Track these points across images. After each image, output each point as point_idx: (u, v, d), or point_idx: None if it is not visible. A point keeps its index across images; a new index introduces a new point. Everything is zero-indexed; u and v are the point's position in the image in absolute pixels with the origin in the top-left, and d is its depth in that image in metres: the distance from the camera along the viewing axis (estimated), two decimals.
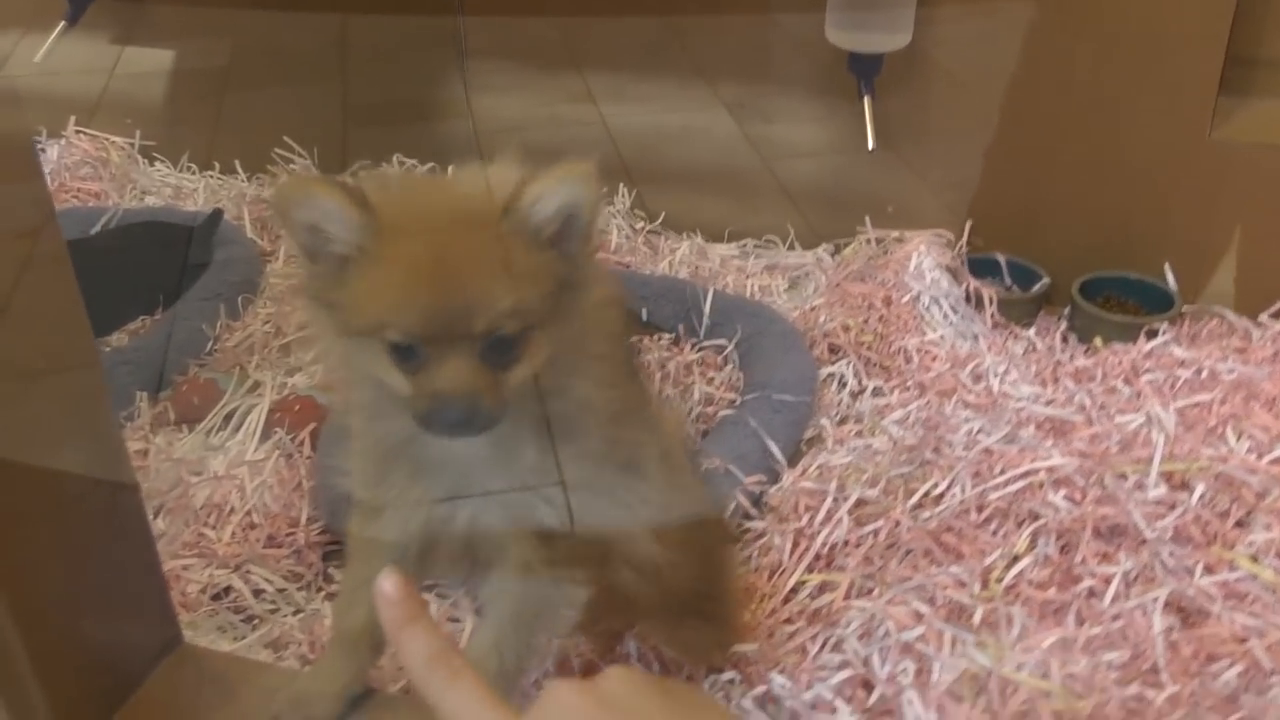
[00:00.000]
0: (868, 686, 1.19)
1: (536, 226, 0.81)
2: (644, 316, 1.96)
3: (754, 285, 2.14)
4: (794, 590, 1.40)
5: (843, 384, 1.86)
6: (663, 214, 2.35)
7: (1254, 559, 1.40)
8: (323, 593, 1.49)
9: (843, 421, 1.77)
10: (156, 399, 1.80)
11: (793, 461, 1.65)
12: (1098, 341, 1.90)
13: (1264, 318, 1.93)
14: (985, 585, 1.34)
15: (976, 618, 1.28)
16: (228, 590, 1.46)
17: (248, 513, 1.56)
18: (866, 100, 1.91)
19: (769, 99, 2.41)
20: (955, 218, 2.09)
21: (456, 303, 0.79)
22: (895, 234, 2.12)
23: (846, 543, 1.46)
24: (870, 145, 1.91)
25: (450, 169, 0.90)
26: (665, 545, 0.97)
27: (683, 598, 1.08)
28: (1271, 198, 1.93)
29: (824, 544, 1.45)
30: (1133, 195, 1.99)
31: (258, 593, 1.46)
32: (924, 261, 2.03)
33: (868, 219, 2.14)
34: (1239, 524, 1.46)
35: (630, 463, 0.94)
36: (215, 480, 1.60)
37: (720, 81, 2.45)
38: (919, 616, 1.26)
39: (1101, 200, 2.01)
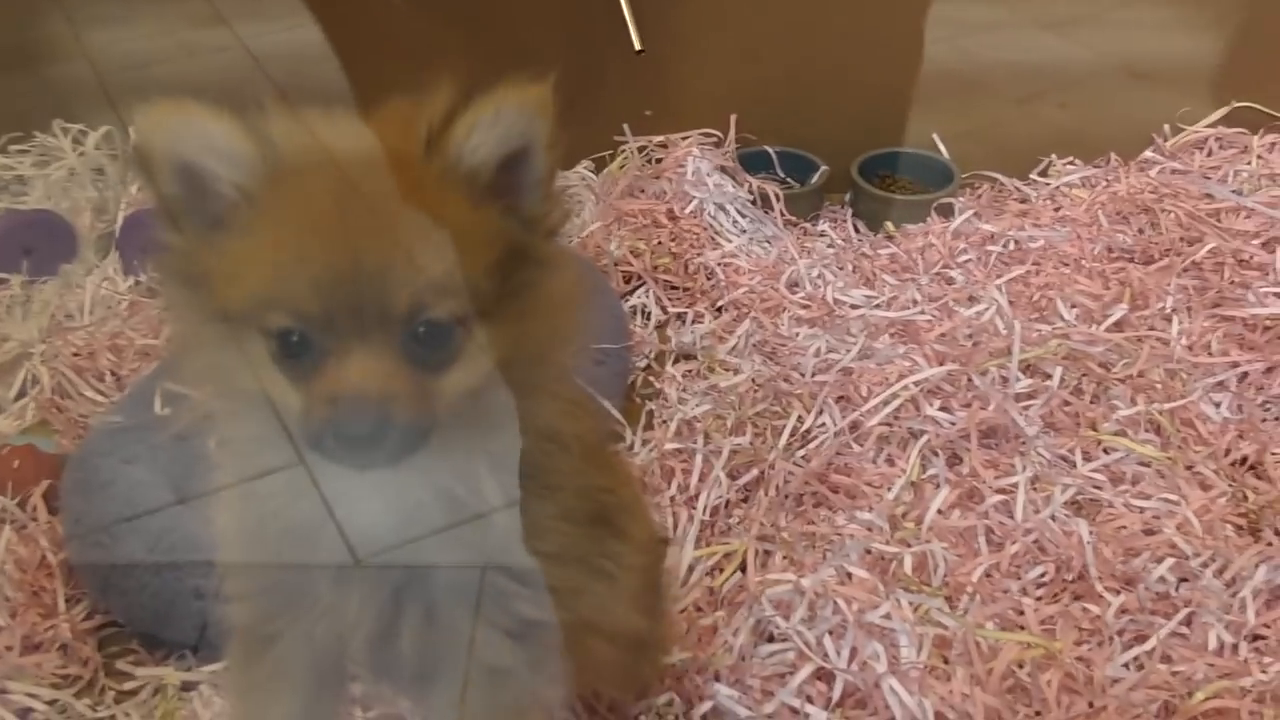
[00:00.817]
0: (826, 679, 1.05)
1: (473, 169, 0.60)
2: None
3: None
4: (689, 569, 1.24)
5: (647, 315, 1.69)
6: None
7: (1123, 435, 1.38)
8: (113, 693, 1.19)
9: (659, 358, 1.60)
10: None
11: (627, 416, 1.48)
12: (889, 226, 1.82)
13: (1034, 176, 1.92)
14: (895, 526, 1.24)
15: (908, 565, 1.17)
16: None
17: None
18: None
19: None
20: (719, 114, 1.93)
21: (366, 270, 0.57)
22: (659, 139, 1.94)
23: (728, 504, 1.32)
24: (637, 46, 1.71)
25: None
26: (640, 609, 0.77)
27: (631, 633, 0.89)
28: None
29: (705, 510, 1.30)
30: (892, 66, 1.91)
31: (25, 713, 1.14)
32: (700, 166, 1.87)
33: (626, 127, 1.94)
34: (1094, 399, 1.43)
35: (605, 516, 0.73)
36: None
37: None
38: (849, 578, 1.14)
39: (862, 75, 1.92)
